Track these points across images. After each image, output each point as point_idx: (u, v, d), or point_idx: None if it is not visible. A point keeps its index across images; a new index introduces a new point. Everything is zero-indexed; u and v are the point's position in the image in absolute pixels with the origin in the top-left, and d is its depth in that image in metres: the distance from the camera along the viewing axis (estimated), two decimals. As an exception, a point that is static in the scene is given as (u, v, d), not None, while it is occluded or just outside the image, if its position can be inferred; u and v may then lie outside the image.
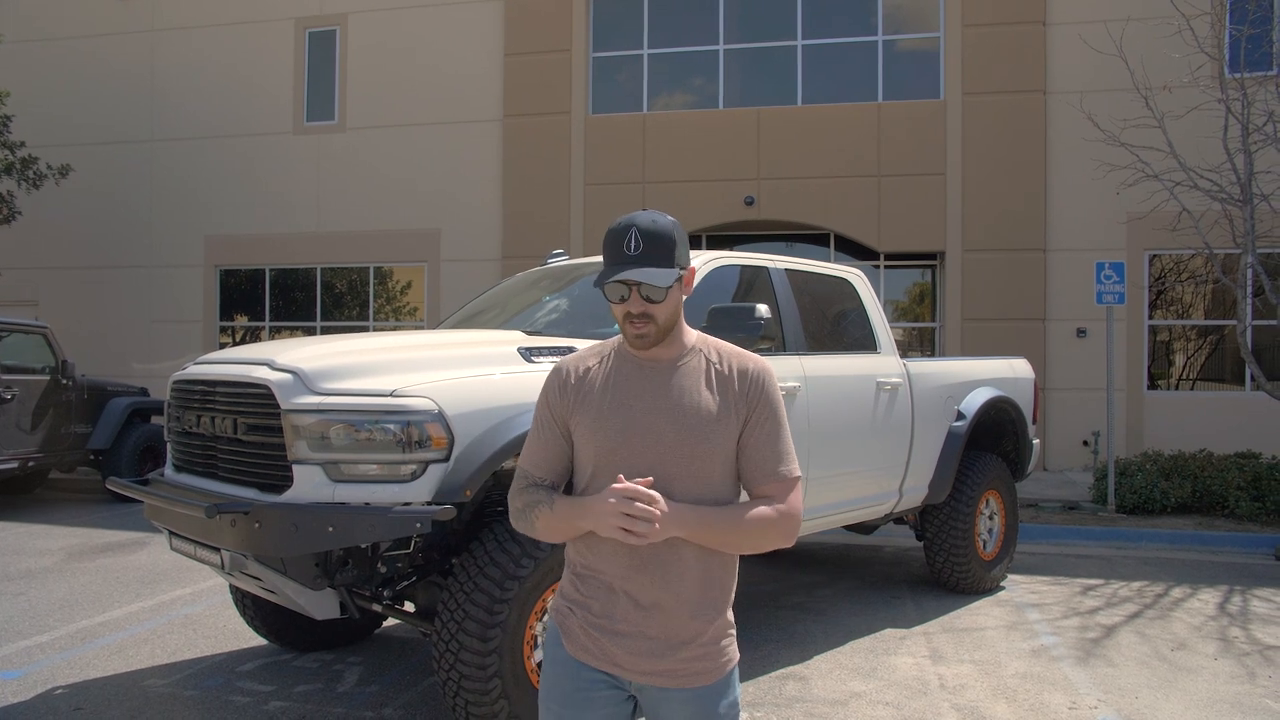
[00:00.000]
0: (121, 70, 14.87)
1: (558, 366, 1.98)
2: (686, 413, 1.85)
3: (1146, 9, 9.77)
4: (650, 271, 1.80)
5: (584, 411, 1.89)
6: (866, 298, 5.73)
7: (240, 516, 3.35)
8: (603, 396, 1.89)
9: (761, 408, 1.89)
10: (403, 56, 13.85)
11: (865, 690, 4.37)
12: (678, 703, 1.87)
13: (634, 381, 1.89)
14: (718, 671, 1.89)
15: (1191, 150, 8.70)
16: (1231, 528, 8.26)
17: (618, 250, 1.82)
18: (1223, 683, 4.52)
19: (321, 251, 14.20)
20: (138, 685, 4.40)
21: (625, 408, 1.86)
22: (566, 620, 1.92)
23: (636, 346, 1.87)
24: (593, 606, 1.88)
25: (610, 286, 1.84)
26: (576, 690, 1.89)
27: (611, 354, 1.96)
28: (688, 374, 1.89)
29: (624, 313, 1.85)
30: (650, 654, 1.84)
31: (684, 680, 1.86)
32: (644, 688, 1.88)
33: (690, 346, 1.93)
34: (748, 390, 1.89)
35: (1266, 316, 9.99)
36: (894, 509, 5.68)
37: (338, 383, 3.43)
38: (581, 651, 1.89)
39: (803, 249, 12.68)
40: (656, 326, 1.85)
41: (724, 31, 13.07)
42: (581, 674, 1.89)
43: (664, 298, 1.84)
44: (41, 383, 9.38)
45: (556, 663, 1.93)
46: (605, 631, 1.86)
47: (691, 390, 1.87)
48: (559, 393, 1.93)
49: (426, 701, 4.20)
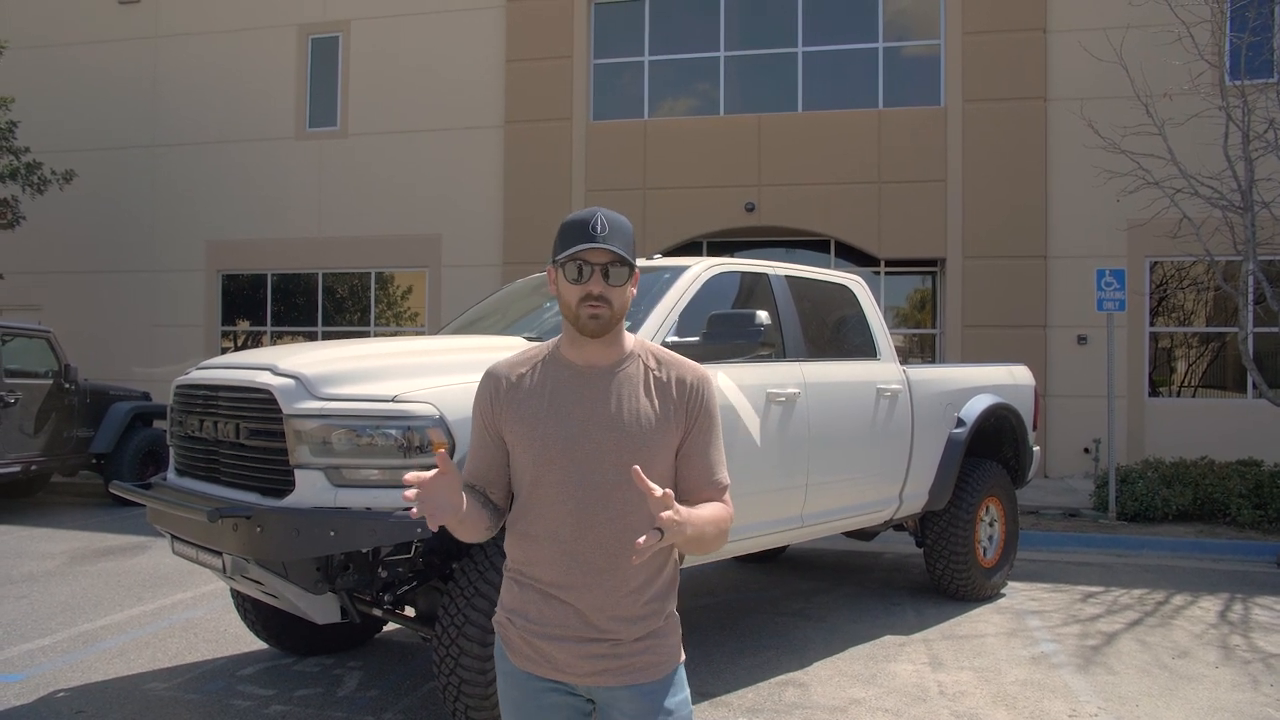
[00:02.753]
0: (124, 76, 14.92)
1: (489, 372, 1.93)
2: (626, 421, 1.82)
3: (1147, 16, 9.79)
4: (618, 245, 1.80)
5: (518, 419, 1.85)
6: (866, 304, 5.74)
7: (242, 521, 3.36)
8: (538, 403, 1.84)
9: (702, 418, 1.88)
10: (405, 63, 13.89)
11: (865, 697, 4.37)
12: (625, 700, 1.85)
13: (571, 388, 1.85)
14: (664, 666, 1.87)
15: (1192, 157, 8.71)
16: (1233, 535, 8.26)
17: (582, 231, 1.80)
18: (1224, 691, 4.51)
19: (323, 256, 14.23)
20: (139, 689, 4.41)
21: (562, 416, 1.82)
22: (507, 632, 1.90)
23: (589, 331, 1.82)
24: (529, 613, 1.86)
25: (569, 265, 1.81)
26: (527, 700, 1.88)
27: (544, 360, 1.91)
28: (626, 381, 1.86)
29: (582, 294, 1.80)
30: (592, 655, 1.82)
31: (630, 677, 1.84)
32: (593, 689, 1.86)
33: (629, 352, 1.90)
34: (687, 400, 1.87)
35: (1268, 323, 10.00)
36: (894, 515, 5.68)
37: (340, 388, 3.44)
38: (526, 661, 1.87)
39: (803, 255, 12.70)
40: (612, 311, 1.81)
41: (725, 38, 13.11)
42: (530, 684, 1.88)
43: (625, 280, 1.83)
44: (44, 387, 9.40)
45: (505, 675, 1.92)
46: (544, 637, 1.84)
47: (630, 398, 1.84)
48: (490, 400, 1.89)
49: (426, 706, 4.20)
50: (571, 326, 1.85)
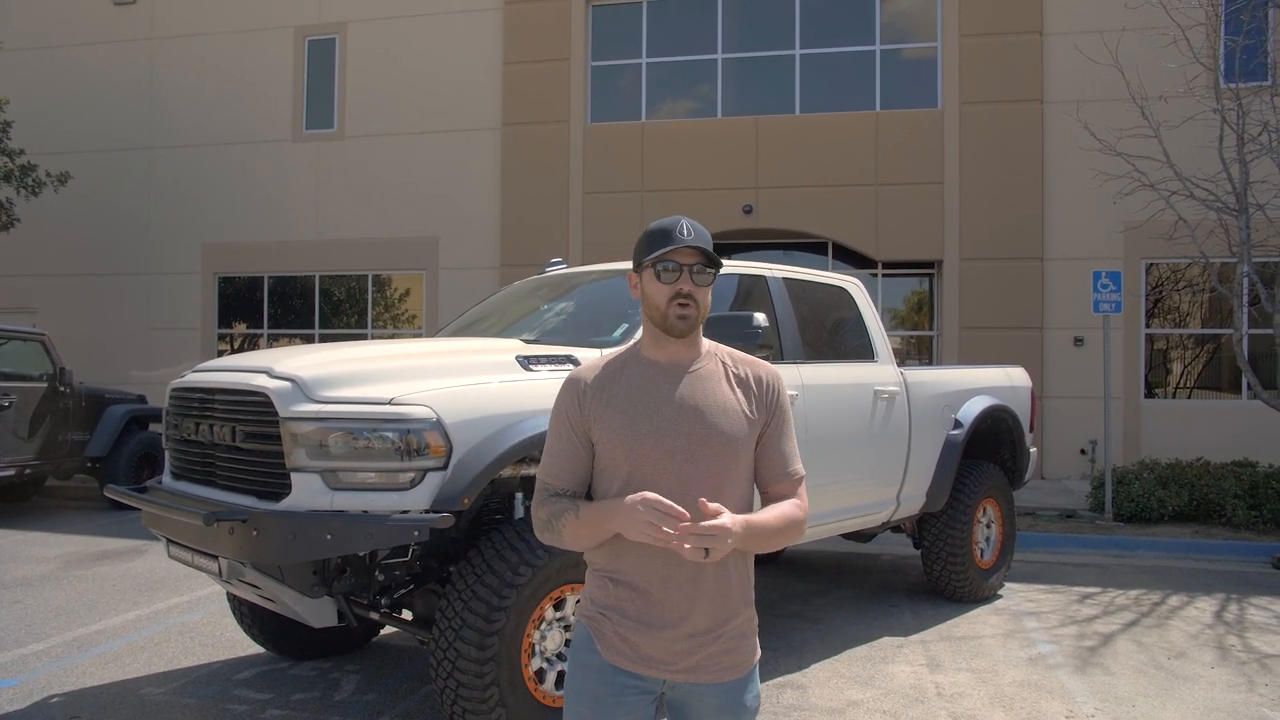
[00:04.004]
0: (121, 78, 14.89)
1: (572, 378, 2.00)
2: (715, 413, 1.91)
3: (1142, 20, 9.80)
4: (705, 246, 1.90)
5: (608, 418, 1.91)
6: (864, 306, 5.75)
7: (238, 524, 3.36)
8: (628, 401, 1.92)
9: (778, 412, 1.99)
10: (402, 65, 13.88)
11: (863, 699, 4.37)
12: (709, 696, 1.92)
13: (659, 385, 1.93)
14: (747, 665, 1.96)
15: (1187, 160, 8.73)
16: (1228, 536, 8.27)
17: (669, 236, 1.90)
18: (1220, 691, 4.52)
19: (320, 259, 14.21)
20: (134, 693, 4.39)
21: (654, 410, 1.90)
22: (600, 626, 1.94)
23: (678, 331, 1.91)
24: (627, 609, 1.91)
25: (663, 268, 1.90)
26: (610, 695, 1.91)
27: (627, 361, 1.99)
28: (710, 377, 1.96)
29: (672, 293, 1.90)
30: (688, 651, 1.89)
31: (718, 675, 1.91)
32: (676, 685, 1.92)
33: (705, 351, 2.00)
34: (765, 395, 1.98)
35: (1263, 325, 10.02)
36: (891, 517, 5.69)
37: (336, 391, 3.44)
38: (617, 655, 1.91)
39: (801, 257, 12.69)
40: (698, 310, 1.91)
41: (722, 40, 13.12)
42: (615, 679, 1.91)
43: (710, 281, 1.93)
44: (39, 390, 9.37)
45: (589, 668, 1.94)
46: (642, 633, 1.89)
47: (716, 392, 1.94)
48: (578, 404, 1.95)
49: (424, 709, 4.19)
50: (657, 327, 1.94)
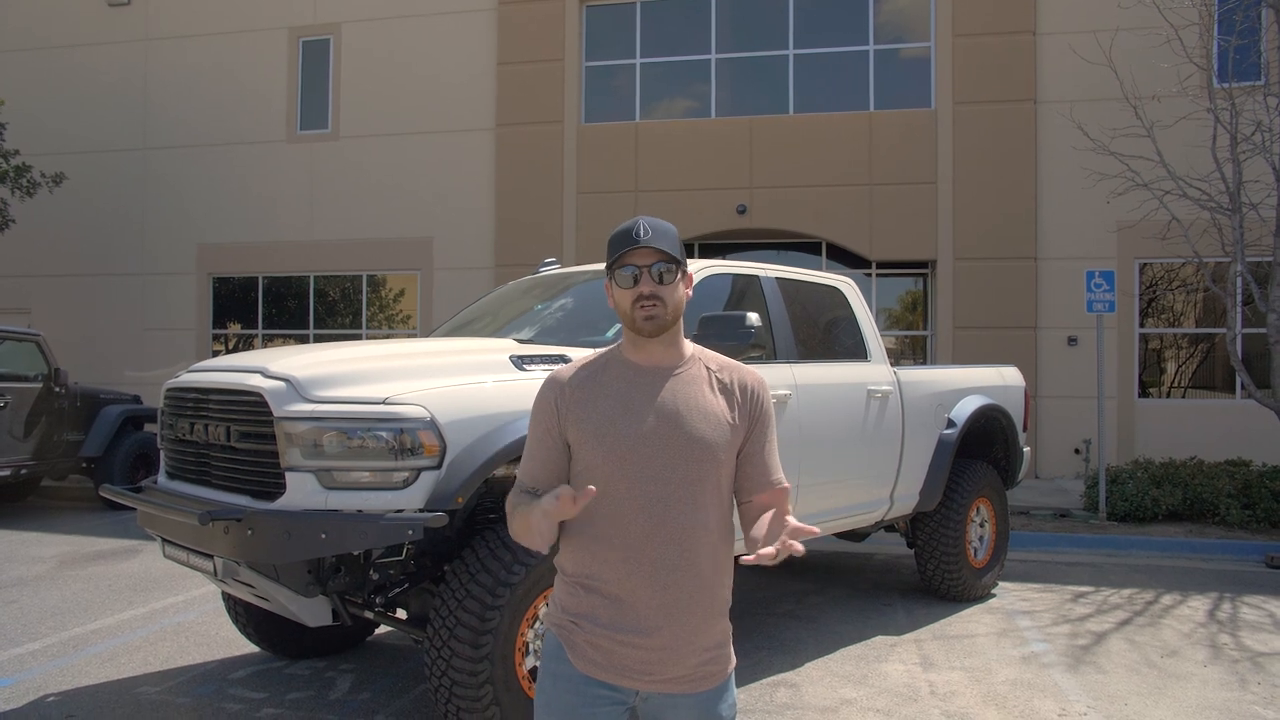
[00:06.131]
0: (115, 79, 14.87)
1: (551, 378, 1.95)
2: (695, 418, 1.86)
3: (1135, 20, 9.85)
4: (664, 245, 1.85)
5: (586, 421, 1.87)
6: (857, 306, 5.76)
7: (233, 523, 3.36)
8: (607, 404, 1.87)
9: (762, 420, 1.94)
10: (396, 65, 13.88)
11: (856, 697, 4.39)
12: (684, 707, 1.87)
13: (639, 388, 1.88)
14: (722, 674, 1.91)
15: (1181, 159, 8.77)
16: (1222, 535, 8.30)
17: (627, 238, 1.87)
18: (1213, 690, 4.54)
19: (314, 259, 14.21)
20: (130, 693, 4.39)
21: (633, 414, 1.86)
22: (571, 634, 1.88)
23: (647, 331, 1.87)
24: (600, 617, 1.85)
25: (621, 273, 1.86)
26: (582, 705, 1.85)
27: (607, 363, 1.94)
28: (691, 381, 1.91)
29: (635, 296, 1.85)
30: (663, 660, 1.83)
31: (694, 685, 1.86)
32: (649, 695, 1.86)
33: (689, 355, 1.95)
34: (749, 402, 1.93)
35: (1256, 325, 10.06)
36: (885, 516, 5.70)
37: (330, 390, 3.44)
38: (589, 665, 1.85)
39: (794, 257, 12.72)
40: (666, 309, 1.86)
41: (716, 41, 13.14)
42: (587, 689, 1.85)
43: (675, 279, 1.88)
44: (34, 390, 9.36)
45: (559, 678, 1.88)
46: (617, 641, 1.83)
47: (697, 397, 1.89)
48: (555, 405, 1.91)
49: (418, 708, 4.20)
50: (630, 330, 1.91)
